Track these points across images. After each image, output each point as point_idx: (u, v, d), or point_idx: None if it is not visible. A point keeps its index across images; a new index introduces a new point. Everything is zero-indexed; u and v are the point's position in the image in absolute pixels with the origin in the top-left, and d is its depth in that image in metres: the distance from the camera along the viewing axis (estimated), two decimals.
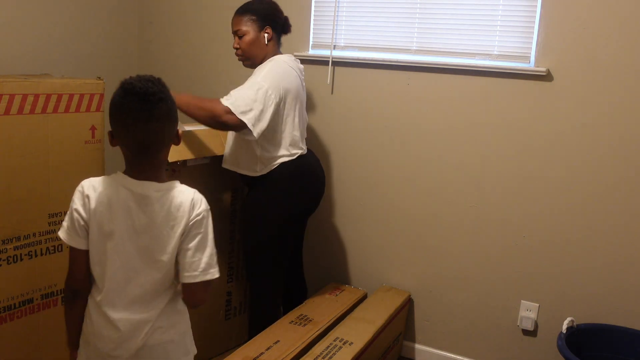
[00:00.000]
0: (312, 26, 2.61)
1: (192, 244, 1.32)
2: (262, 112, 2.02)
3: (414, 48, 2.44)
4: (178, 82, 3.00)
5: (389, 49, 2.48)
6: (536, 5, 2.19)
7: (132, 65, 3.06)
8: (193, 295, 1.36)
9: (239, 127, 2.01)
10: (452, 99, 2.38)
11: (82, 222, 1.33)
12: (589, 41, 2.12)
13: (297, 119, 2.18)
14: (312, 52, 2.63)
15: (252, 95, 2.01)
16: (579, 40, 2.13)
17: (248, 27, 2.17)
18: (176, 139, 1.38)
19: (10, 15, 2.40)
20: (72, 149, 2.13)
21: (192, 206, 1.33)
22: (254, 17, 2.17)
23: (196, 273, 1.32)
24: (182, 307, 1.43)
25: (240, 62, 2.26)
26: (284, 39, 2.63)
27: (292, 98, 2.14)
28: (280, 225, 2.20)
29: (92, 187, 1.35)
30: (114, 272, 1.32)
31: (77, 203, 1.34)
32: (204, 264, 1.33)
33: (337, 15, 2.55)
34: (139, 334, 1.34)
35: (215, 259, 1.36)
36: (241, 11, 2.20)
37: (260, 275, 2.27)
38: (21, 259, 2.06)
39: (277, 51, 2.24)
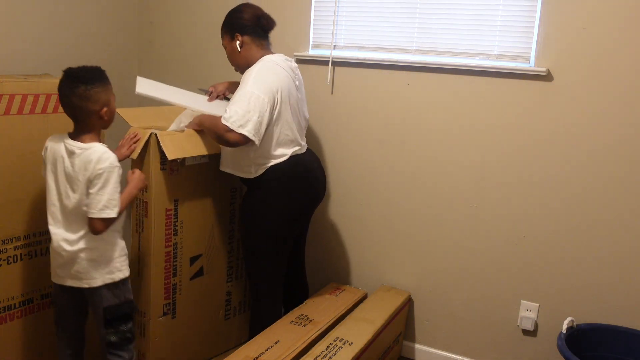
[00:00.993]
0: (312, 26, 2.61)
1: (93, 190, 1.76)
2: (259, 119, 2.03)
3: (414, 48, 2.44)
4: (178, 82, 3.00)
5: (389, 49, 2.48)
6: (536, 5, 2.19)
7: (132, 65, 3.06)
8: (92, 226, 1.79)
9: (243, 141, 2.03)
10: (452, 99, 2.38)
11: (44, 162, 1.88)
12: (589, 41, 2.12)
13: (289, 119, 2.16)
14: (312, 52, 2.63)
15: (245, 106, 2.02)
16: (579, 40, 2.13)
17: (225, 41, 2.25)
18: (102, 117, 1.81)
19: (10, 16, 2.40)
20: None
21: (96, 162, 1.76)
22: (224, 30, 2.24)
23: (94, 211, 1.77)
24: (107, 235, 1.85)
25: None
26: (283, 38, 2.64)
27: (283, 97, 2.12)
28: (277, 227, 2.20)
29: (50, 140, 1.87)
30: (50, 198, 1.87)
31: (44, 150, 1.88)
32: (101, 205, 1.76)
33: (337, 15, 2.55)
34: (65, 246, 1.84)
35: (113, 204, 1.78)
36: (221, 27, 2.26)
37: (259, 276, 2.27)
38: (21, 259, 2.06)
39: (262, 52, 2.20)
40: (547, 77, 2.20)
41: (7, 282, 2.02)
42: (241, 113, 2.01)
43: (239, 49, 2.19)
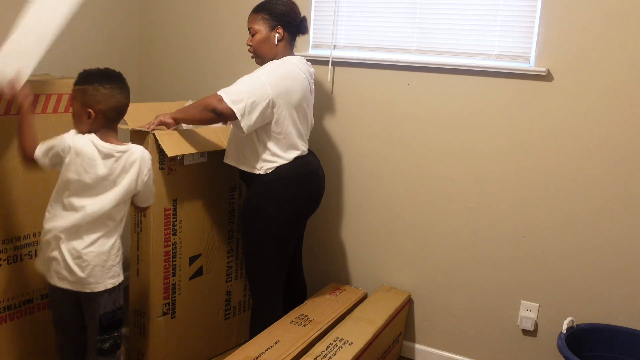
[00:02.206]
0: (312, 26, 2.61)
1: None
2: (253, 104, 2.00)
3: (414, 48, 2.44)
4: (178, 82, 3.00)
5: (389, 49, 2.48)
6: (536, 5, 2.19)
7: (132, 65, 3.06)
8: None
9: (229, 115, 2.01)
10: (452, 99, 2.38)
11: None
12: (589, 41, 2.12)
13: (298, 121, 2.17)
14: (312, 52, 2.63)
15: (247, 87, 2.02)
16: (579, 40, 2.13)
17: (260, 26, 2.17)
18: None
19: (10, 16, 2.40)
20: None
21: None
22: (266, 17, 2.16)
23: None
24: None
25: (241, 61, 2.28)
26: None
27: (295, 99, 2.13)
28: (278, 228, 2.18)
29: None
30: None
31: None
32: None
33: (337, 15, 2.55)
34: None
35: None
36: (256, 9, 2.20)
37: (261, 277, 2.25)
38: (21, 259, 2.06)
39: (288, 52, 2.22)
40: (547, 77, 2.20)
41: (7, 282, 2.02)
42: (240, 91, 2.00)
43: (276, 42, 2.16)
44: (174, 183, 2.19)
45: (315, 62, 2.61)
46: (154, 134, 2.08)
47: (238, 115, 1.99)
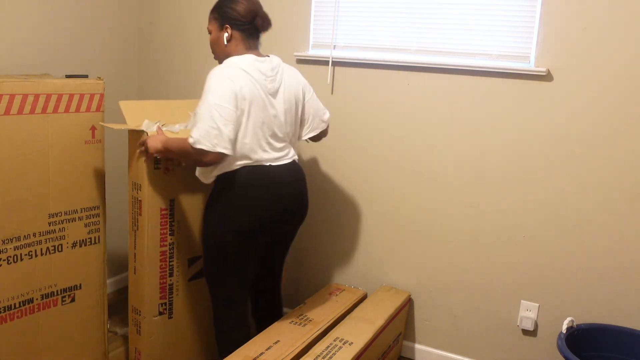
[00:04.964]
0: (312, 26, 2.61)
1: None
2: (229, 130, 1.86)
3: (414, 48, 2.44)
4: (177, 82, 3.00)
5: (389, 49, 2.48)
6: (536, 5, 2.19)
7: (132, 65, 3.06)
8: None
9: (221, 159, 1.88)
10: (452, 99, 2.38)
11: None
12: (589, 41, 2.12)
13: (250, 126, 1.93)
14: (312, 52, 2.63)
15: (210, 121, 1.84)
16: (579, 40, 2.13)
17: (212, 26, 2.05)
18: None
19: (10, 15, 2.40)
20: (72, 149, 2.13)
21: None
22: (216, 16, 2.04)
23: None
24: None
25: None
26: (283, 38, 2.64)
27: (245, 102, 1.92)
28: (228, 242, 2.00)
29: None
30: None
31: None
32: None
33: (337, 15, 2.55)
34: None
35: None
36: (212, 9, 2.09)
37: (216, 292, 2.13)
38: (21, 259, 2.06)
39: (241, 52, 2.01)
40: (547, 77, 2.20)
41: (7, 282, 2.02)
42: (210, 130, 1.83)
43: (225, 42, 2.01)
44: (170, 183, 2.18)
45: (315, 62, 2.61)
46: (147, 134, 2.07)
47: (227, 152, 1.85)
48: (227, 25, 2.01)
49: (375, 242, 2.63)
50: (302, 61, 2.64)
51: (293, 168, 2.08)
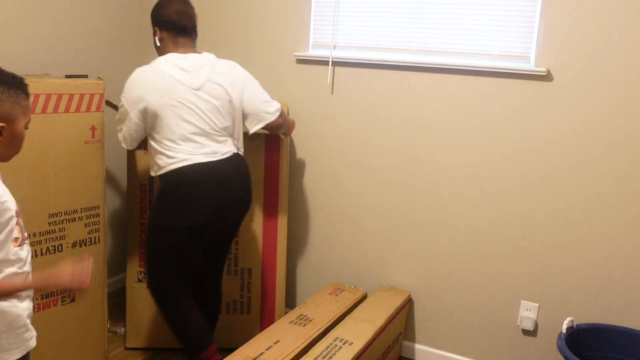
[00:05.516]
0: (312, 26, 2.61)
1: None
2: (126, 128, 2.08)
3: (414, 48, 2.43)
4: None
5: (389, 49, 2.48)
6: (536, 5, 2.19)
7: (132, 65, 3.04)
8: None
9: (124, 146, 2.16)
10: (452, 99, 2.38)
11: None
12: (589, 41, 2.12)
13: (172, 125, 1.98)
14: (312, 52, 2.63)
15: (118, 115, 2.12)
16: (579, 40, 2.13)
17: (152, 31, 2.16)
18: None
19: (10, 15, 2.40)
20: (72, 149, 2.13)
21: None
22: (151, 21, 2.15)
23: None
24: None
25: (239, 62, 2.26)
26: (283, 38, 2.64)
27: (154, 104, 1.98)
28: (163, 237, 2.06)
29: None
30: None
31: None
32: None
33: (337, 15, 2.55)
34: None
35: None
36: None
37: (152, 283, 2.19)
38: None
39: (168, 51, 2.09)
40: (547, 77, 2.20)
41: None
42: (118, 122, 2.13)
43: (158, 44, 2.10)
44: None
45: (315, 62, 2.61)
46: None
47: (123, 144, 2.14)
48: (157, 28, 2.11)
49: (375, 242, 2.63)
50: (302, 61, 2.64)
51: (224, 164, 2.06)
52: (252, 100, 2.16)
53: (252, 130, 2.19)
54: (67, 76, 2.20)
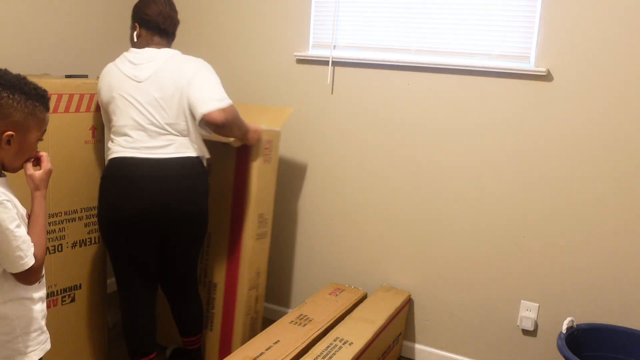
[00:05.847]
0: (312, 26, 2.61)
1: None
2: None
3: (414, 48, 2.44)
4: None
5: (389, 49, 2.48)
6: (536, 5, 2.19)
7: None
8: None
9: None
10: (452, 99, 2.38)
11: None
12: (589, 41, 2.12)
13: (112, 117, 2.04)
14: (312, 52, 2.63)
15: None
16: (579, 40, 2.13)
17: (131, 25, 2.17)
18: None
19: (10, 15, 2.40)
20: (72, 149, 2.13)
21: None
22: (131, 15, 2.16)
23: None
24: None
25: (238, 62, 2.26)
26: (283, 38, 2.64)
27: (104, 94, 2.06)
28: (103, 229, 2.06)
29: None
30: None
31: None
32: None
33: (337, 15, 2.55)
34: None
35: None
36: None
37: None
38: None
39: (141, 47, 2.11)
40: (547, 77, 2.20)
41: None
42: None
43: (135, 39, 2.12)
44: None
45: (315, 62, 2.61)
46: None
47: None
48: (137, 24, 2.13)
49: (375, 242, 2.63)
50: (302, 61, 2.64)
51: (154, 165, 1.97)
52: (193, 93, 1.99)
53: (201, 129, 2.08)
54: (67, 76, 2.20)
